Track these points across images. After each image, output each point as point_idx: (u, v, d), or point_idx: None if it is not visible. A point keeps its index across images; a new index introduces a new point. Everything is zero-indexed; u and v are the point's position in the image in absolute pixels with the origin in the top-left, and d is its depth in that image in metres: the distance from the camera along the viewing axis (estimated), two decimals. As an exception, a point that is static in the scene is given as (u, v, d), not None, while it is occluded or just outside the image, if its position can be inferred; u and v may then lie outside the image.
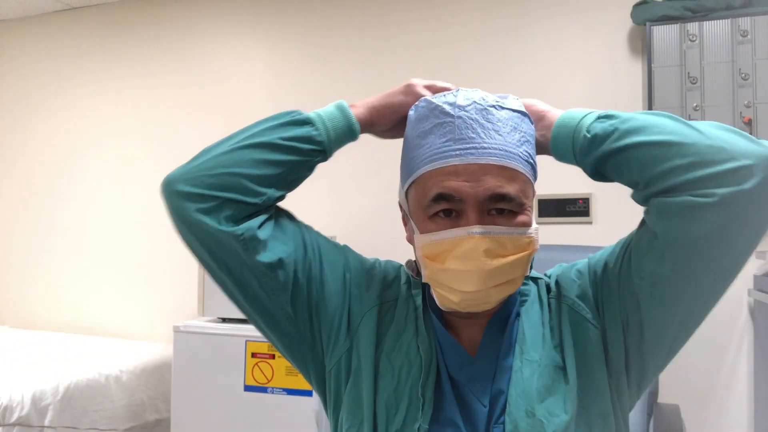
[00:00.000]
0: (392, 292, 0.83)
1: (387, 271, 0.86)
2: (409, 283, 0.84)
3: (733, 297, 2.13)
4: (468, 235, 0.69)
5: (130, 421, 2.27)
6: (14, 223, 3.22)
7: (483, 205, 0.70)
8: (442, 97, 0.75)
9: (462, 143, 0.71)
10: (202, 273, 2.00)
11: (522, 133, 0.74)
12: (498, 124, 0.72)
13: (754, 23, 1.96)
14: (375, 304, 0.81)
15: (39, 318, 3.12)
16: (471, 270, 0.69)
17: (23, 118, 3.24)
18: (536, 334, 0.78)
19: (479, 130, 0.71)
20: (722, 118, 1.96)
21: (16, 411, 1.91)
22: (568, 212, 2.28)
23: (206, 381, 1.96)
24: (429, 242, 0.72)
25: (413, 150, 0.76)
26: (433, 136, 0.73)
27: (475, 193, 0.69)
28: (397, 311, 0.81)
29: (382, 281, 0.84)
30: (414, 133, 0.76)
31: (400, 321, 0.80)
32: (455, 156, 0.71)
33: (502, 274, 0.71)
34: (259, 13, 2.79)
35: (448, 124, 0.72)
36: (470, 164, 0.70)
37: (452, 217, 0.71)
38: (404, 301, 0.82)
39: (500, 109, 0.73)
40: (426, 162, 0.73)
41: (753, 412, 2.09)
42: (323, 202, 2.61)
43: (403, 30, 2.56)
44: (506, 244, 0.71)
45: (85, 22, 3.12)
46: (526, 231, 0.73)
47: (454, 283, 0.71)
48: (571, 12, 2.34)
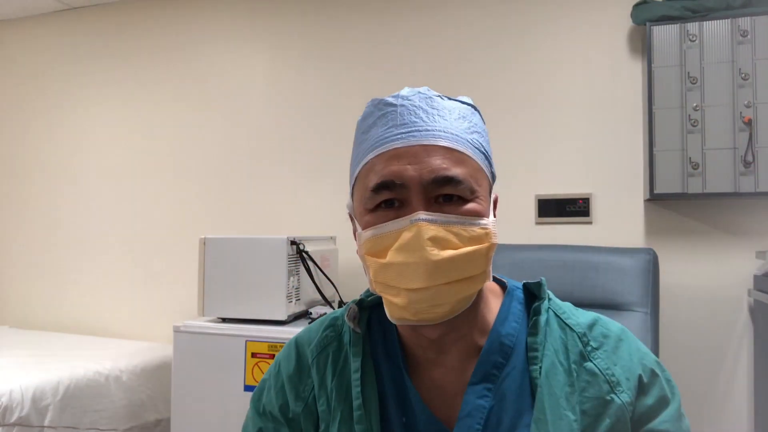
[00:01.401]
0: (305, 388, 0.75)
1: (286, 383, 0.77)
2: (339, 342, 0.76)
3: (733, 297, 2.13)
4: (411, 224, 0.62)
5: (130, 421, 2.28)
6: (14, 222, 3.22)
7: (428, 190, 0.63)
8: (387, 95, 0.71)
9: (404, 127, 0.65)
10: (202, 273, 2.00)
11: (471, 123, 0.69)
12: (444, 110, 0.67)
13: (754, 23, 1.96)
14: (303, 405, 0.75)
15: (39, 318, 3.12)
16: (415, 262, 0.61)
17: (23, 118, 3.24)
18: (558, 415, 0.65)
19: (422, 115, 0.66)
20: (722, 118, 1.97)
21: (16, 411, 1.91)
22: (568, 212, 2.29)
23: (206, 381, 1.96)
24: (370, 237, 0.65)
25: (357, 148, 0.71)
26: (376, 128, 0.68)
27: (419, 176, 0.63)
28: (318, 400, 0.73)
29: (285, 402, 0.76)
30: (358, 132, 0.72)
31: (324, 411, 0.72)
32: (397, 139, 0.65)
33: (453, 269, 0.61)
34: (259, 13, 2.79)
35: (391, 113, 0.67)
36: (413, 146, 0.64)
37: (396, 208, 0.64)
38: (329, 374, 0.74)
39: (446, 99, 0.69)
40: (367, 152, 0.67)
41: (753, 412, 2.09)
42: (323, 202, 2.62)
43: (403, 30, 2.56)
44: (456, 234, 0.62)
45: (85, 22, 3.12)
46: (478, 221, 0.64)
47: (398, 280, 0.62)
48: (571, 12, 2.34)
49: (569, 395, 0.66)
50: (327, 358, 0.75)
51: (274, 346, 1.90)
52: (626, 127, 2.26)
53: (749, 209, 2.13)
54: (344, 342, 0.75)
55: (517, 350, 0.70)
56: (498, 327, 0.71)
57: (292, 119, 2.71)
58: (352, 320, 0.74)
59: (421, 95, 0.68)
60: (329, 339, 0.76)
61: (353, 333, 0.74)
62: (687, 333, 2.17)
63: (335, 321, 0.79)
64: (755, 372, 2.07)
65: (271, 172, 2.72)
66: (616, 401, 0.66)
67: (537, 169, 2.35)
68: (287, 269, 1.97)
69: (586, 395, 0.67)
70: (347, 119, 2.59)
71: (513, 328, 0.72)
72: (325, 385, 0.73)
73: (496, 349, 0.70)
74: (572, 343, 0.70)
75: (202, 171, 2.84)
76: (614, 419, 0.66)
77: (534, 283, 0.75)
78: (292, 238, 2.04)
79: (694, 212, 2.18)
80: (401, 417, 0.70)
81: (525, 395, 0.68)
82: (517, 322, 0.72)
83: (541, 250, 2.07)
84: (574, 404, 0.66)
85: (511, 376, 0.69)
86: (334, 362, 0.74)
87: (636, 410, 0.67)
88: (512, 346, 0.70)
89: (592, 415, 0.66)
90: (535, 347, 0.69)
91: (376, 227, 0.65)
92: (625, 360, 0.69)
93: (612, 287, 1.90)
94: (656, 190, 2.04)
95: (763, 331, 1.99)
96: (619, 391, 0.67)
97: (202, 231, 2.74)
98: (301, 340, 0.80)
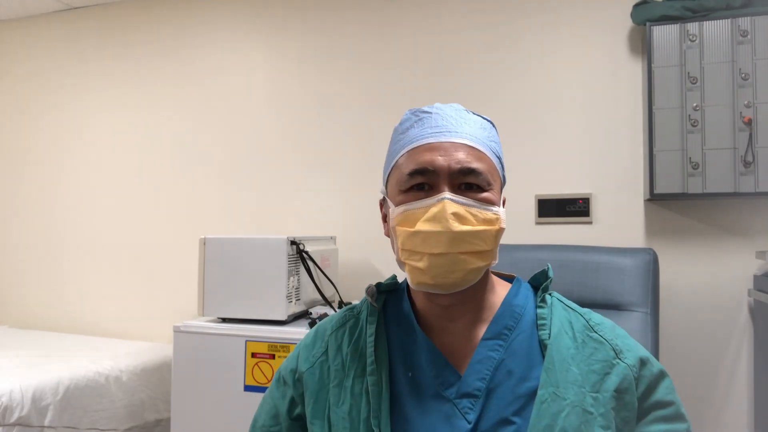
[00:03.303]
0: (316, 351, 0.88)
1: (301, 350, 0.90)
2: (356, 320, 0.88)
3: (733, 297, 2.13)
4: (438, 201, 0.75)
5: (130, 421, 2.28)
6: (14, 222, 3.22)
7: (454, 178, 0.76)
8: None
9: (437, 128, 0.80)
10: (202, 273, 2.00)
11: (490, 134, 0.83)
12: (470, 120, 0.82)
13: (754, 23, 1.96)
14: (309, 365, 0.86)
15: (39, 318, 3.12)
16: (439, 230, 0.73)
17: (23, 118, 3.24)
18: (565, 368, 0.76)
19: (452, 122, 0.81)
20: (722, 118, 1.97)
21: (16, 411, 1.91)
22: (568, 212, 2.29)
23: (206, 381, 1.96)
24: (402, 211, 0.78)
25: (394, 145, 0.85)
26: (413, 129, 0.82)
27: (448, 165, 0.76)
28: (332, 362, 0.85)
29: (296, 366, 0.89)
30: (396, 134, 0.85)
31: (338, 369, 0.84)
32: (431, 136, 0.79)
33: (469, 241, 0.74)
34: (259, 13, 2.79)
35: (427, 118, 0.82)
36: (444, 142, 0.78)
37: (425, 191, 0.77)
38: (346, 342, 0.86)
39: (472, 114, 0.84)
40: (405, 146, 0.81)
41: (753, 412, 2.09)
42: (323, 202, 2.62)
43: (403, 31, 2.56)
44: (474, 214, 0.76)
45: (85, 22, 3.12)
46: (491, 208, 0.78)
47: (423, 246, 0.75)
48: (571, 12, 2.34)
49: (574, 355, 0.77)
50: (345, 331, 0.88)
51: (274, 346, 1.90)
52: (626, 127, 2.26)
53: (749, 209, 2.13)
54: (361, 319, 0.88)
55: (525, 319, 0.82)
56: (509, 299, 0.84)
57: (292, 119, 2.71)
58: (371, 296, 0.87)
59: (453, 107, 0.83)
60: (347, 317, 0.90)
61: (370, 306, 0.86)
62: (687, 333, 2.17)
63: (354, 307, 0.92)
64: (755, 372, 2.07)
65: (271, 172, 2.72)
66: (621, 364, 0.76)
67: (537, 169, 2.35)
68: (287, 269, 1.97)
69: (593, 358, 0.77)
70: (347, 119, 2.59)
71: (522, 301, 0.84)
72: (342, 350, 0.85)
73: (507, 314, 0.82)
74: (576, 320, 0.81)
75: (202, 171, 2.84)
76: (621, 377, 0.75)
77: (539, 273, 0.87)
78: (292, 238, 2.04)
79: (694, 212, 2.18)
80: (407, 373, 0.81)
81: (534, 353, 0.78)
82: (525, 300, 0.84)
83: (541, 250, 2.07)
84: (578, 362, 0.76)
85: (520, 338, 0.80)
86: (351, 333, 0.87)
87: (640, 380, 0.77)
88: (521, 314, 0.82)
89: (600, 373, 0.76)
90: (544, 317, 0.81)
91: (408, 203, 0.78)
92: (623, 338, 0.81)
93: (612, 287, 1.90)
94: (656, 190, 2.04)
95: (763, 331, 1.99)
96: (623, 357, 0.77)
97: (202, 231, 2.74)
98: (323, 323, 0.93)
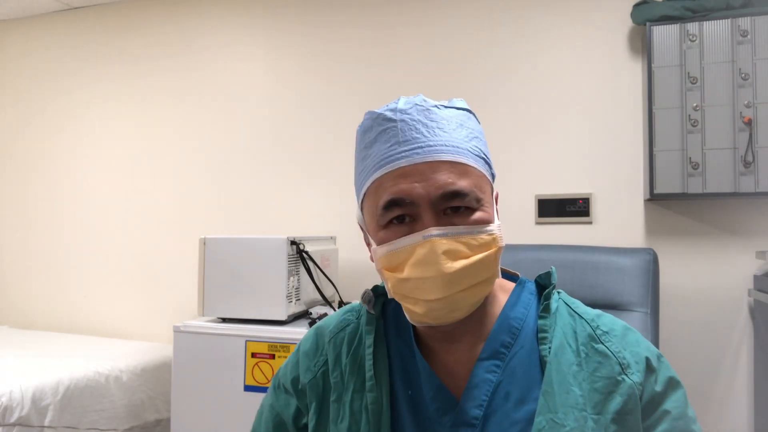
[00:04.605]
0: (318, 361, 0.81)
1: (301, 358, 0.83)
2: (356, 324, 0.81)
3: (733, 297, 2.13)
4: (424, 240, 0.65)
5: (130, 421, 2.28)
6: (14, 222, 3.22)
7: (437, 204, 0.67)
8: (384, 107, 0.72)
9: (407, 144, 0.68)
10: (202, 273, 2.00)
11: (469, 129, 0.71)
12: (442, 122, 0.70)
13: (754, 23, 1.96)
14: (312, 376, 0.80)
15: (39, 318, 3.12)
16: (432, 276, 0.65)
17: (23, 118, 3.24)
18: (565, 389, 0.68)
19: (423, 130, 0.68)
20: (722, 118, 1.97)
21: (16, 411, 1.91)
22: (568, 212, 2.29)
23: (206, 381, 1.96)
24: (386, 253, 0.69)
25: (361, 163, 0.73)
26: (378, 144, 0.70)
27: (427, 193, 0.66)
28: (331, 373, 0.78)
29: (297, 375, 0.82)
30: (360, 146, 0.74)
31: (337, 382, 0.77)
32: (402, 158, 0.68)
33: (466, 277, 0.66)
34: (259, 13, 2.79)
35: (391, 129, 0.69)
36: (418, 164, 0.67)
37: (407, 223, 0.68)
38: (344, 351, 0.79)
39: (443, 109, 0.71)
40: (373, 170, 0.70)
41: (753, 412, 2.09)
42: (323, 202, 2.62)
43: (403, 31, 2.56)
44: (466, 243, 0.66)
45: (85, 22, 3.12)
46: (485, 228, 0.68)
47: (417, 292, 0.67)
48: (571, 12, 2.34)
49: (576, 373, 0.69)
50: (343, 338, 0.81)
51: (274, 346, 1.90)
52: (626, 127, 2.26)
53: (749, 209, 2.13)
54: (361, 324, 0.81)
55: (525, 332, 0.74)
56: (506, 311, 0.76)
57: (292, 119, 2.71)
58: (367, 303, 0.79)
59: (419, 107, 0.70)
60: (347, 321, 0.83)
61: (368, 314, 0.79)
62: (687, 333, 2.17)
63: (354, 307, 0.85)
64: (755, 372, 2.07)
65: (271, 172, 2.72)
66: (627, 381, 0.69)
67: (537, 169, 2.35)
68: (287, 269, 1.97)
69: (597, 375, 0.69)
70: (347, 119, 2.59)
71: (521, 313, 0.76)
72: (340, 359, 0.79)
73: (504, 329, 0.74)
74: (581, 328, 0.73)
75: (203, 171, 2.84)
76: (625, 397, 0.68)
77: (544, 274, 0.80)
78: (292, 238, 2.04)
79: (694, 212, 2.18)
80: (407, 391, 0.75)
81: (534, 372, 0.71)
82: (526, 308, 0.77)
83: (541, 250, 2.07)
84: (581, 381, 0.69)
85: (519, 354, 0.73)
86: (350, 341, 0.80)
87: (645, 391, 0.70)
88: (520, 328, 0.74)
89: (603, 392, 0.68)
90: (545, 329, 0.73)
91: (390, 243, 0.68)
92: (633, 345, 0.72)
93: (612, 287, 1.90)
94: (656, 190, 2.04)
95: (763, 331, 1.99)
96: (629, 372, 0.69)
97: (202, 231, 2.74)
98: (322, 324, 0.86)
